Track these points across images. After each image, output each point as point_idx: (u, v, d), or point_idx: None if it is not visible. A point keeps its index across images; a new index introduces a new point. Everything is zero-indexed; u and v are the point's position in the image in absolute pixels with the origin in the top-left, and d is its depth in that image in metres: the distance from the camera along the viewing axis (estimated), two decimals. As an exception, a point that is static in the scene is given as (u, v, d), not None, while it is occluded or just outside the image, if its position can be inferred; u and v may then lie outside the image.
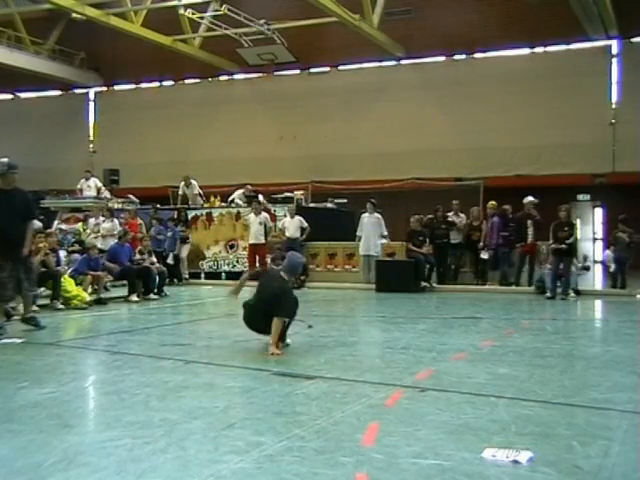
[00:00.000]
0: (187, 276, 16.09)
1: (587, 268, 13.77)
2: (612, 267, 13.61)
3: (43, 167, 26.90)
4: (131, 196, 18.33)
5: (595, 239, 23.29)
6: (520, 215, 13.85)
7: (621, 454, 3.57)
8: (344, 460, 3.44)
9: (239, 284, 7.34)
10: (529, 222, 13.57)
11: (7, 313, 9.11)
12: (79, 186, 18.19)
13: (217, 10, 21.68)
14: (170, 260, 15.39)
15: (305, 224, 15.37)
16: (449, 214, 15.04)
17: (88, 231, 15.35)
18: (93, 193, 17.77)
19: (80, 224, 15.85)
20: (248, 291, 7.40)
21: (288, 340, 6.87)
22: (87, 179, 18.22)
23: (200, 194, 18.10)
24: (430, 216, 14.95)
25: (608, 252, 14.03)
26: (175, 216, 16.46)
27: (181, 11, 21.93)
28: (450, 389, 5.01)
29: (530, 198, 13.90)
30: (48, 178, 25.26)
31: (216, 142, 25.34)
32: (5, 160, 7.97)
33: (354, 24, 20.24)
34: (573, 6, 19.02)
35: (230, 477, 3.26)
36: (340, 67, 24.98)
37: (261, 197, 17.08)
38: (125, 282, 12.48)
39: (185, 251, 15.93)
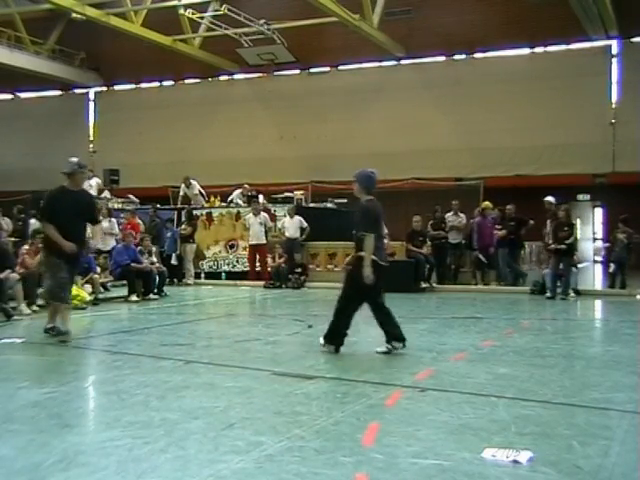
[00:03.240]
0: (192, 278, 15.81)
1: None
2: (612, 267, 13.63)
3: (43, 167, 26.86)
4: (131, 196, 18.32)
5: (595, 239, 23.31)
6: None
7: (621, 454, 3.57)
8: (344, 460, 3.44)
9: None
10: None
11: (7, 313, 9.12)
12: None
13: (217, 10, 21.70)
14: (174, 261, 15.37)
15: (305, 224, 15.38)
16: (449, 214, 15.05)
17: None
18: (94, 193, 17.74)
19: None
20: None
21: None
22: (89, 178, 18.19)
23: (201, 193, 18.06)
24: (434, 221, 14.91)
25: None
26: (174, 216, 16.43)
27: (181, 11, 21.96)
28: (450, 389, 5.01)
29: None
30: (48, 178, 25.19)
31: (216, 142, 25.36)
32: (75, 159, 7.65)
33: (354, 24, 20.25)
34: (573, 6, 19.02)
35: (230, 477, 3.26)
36: (340, 67, 25.00)
37: (261, 197, 17.08)
38: (125, 282, 12.48)
39: (190, 252, 15.76)
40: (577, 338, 8.03)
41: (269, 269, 15.44)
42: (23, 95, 30.18)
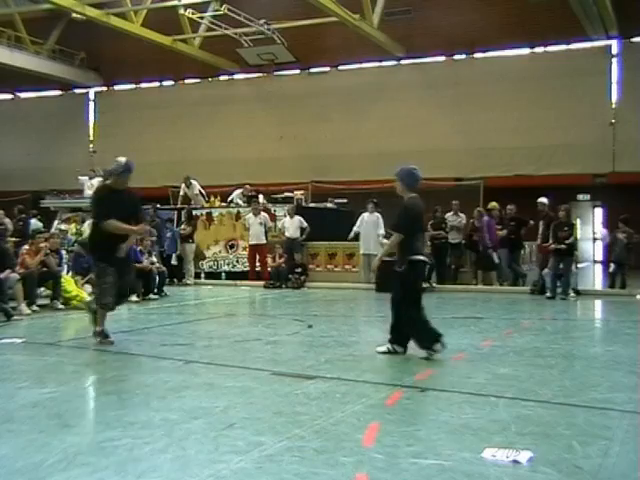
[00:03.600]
0: (192, 278, 15.84)
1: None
2: (611, 267, 13.64)
3: (43, 167, 26.96)
4: (131, 196, 18.28)
5: (595, 239, 23.30)
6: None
7: (621, 454, 3.57)
8: (344, 460, 3.44)
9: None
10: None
11: (7, 313, 9.12)
12: (82, 181, 18.15)
13: (217, 10, 21.70)
14: (174, 261, 15.38)
15: (305, 224, 15.38)
16: (449, 214, 15.05)
17: (85, 227, 15.29)
18: None
19: (73, 225, 15.72)
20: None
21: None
22: (91, 178, 18.17)
23: (201, 193, 18.05)
24: (434, 221, 14.94)
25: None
26: (174, 216, 16.43)
27: (181, 11, 21.96)
28: (450, 389, 5.01)
29: None
30: (48, 178, 25.29)
31: (216, 142, 25.35)
32: (123, 160, 7.25)
33: (354, 24, 20.25)
34: (573, 6, 19.02)
35: (230, 477, 3.26)
36: (340, 67, 24.99)
37: (261, 197, 17.07)
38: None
39: (190, 252, 15.76)
40: (577, 338, 8.04)
41: (269, 269, 15.44)
42: (23, 95, 30.16)
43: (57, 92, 29.53)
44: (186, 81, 27.42)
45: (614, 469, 3.36)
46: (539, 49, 22.40)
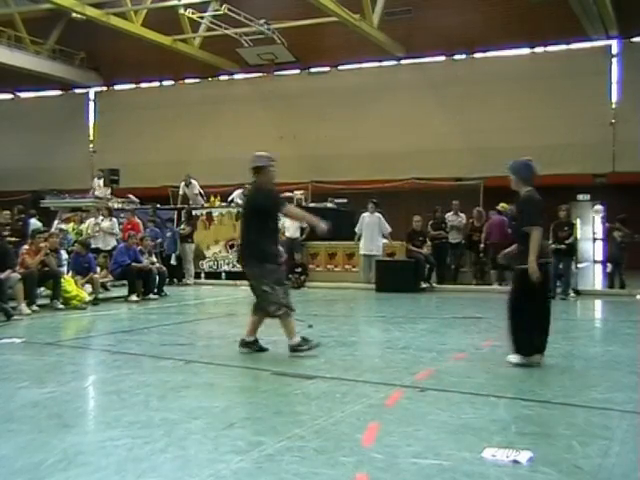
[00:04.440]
0: (192, 278, 15.87)
1: None
2: (609, 267, 13.64)
3: (43, 167, 26.95)
4: (131, 196, 18.33)
5: (595, 239, 23.29)
6: None
7: (621, 454, 3.57)
8: (344, 460, 3.44)
9: None
10: None
11: (7, 313, 9.12)
12: (93, 182, 18.36)
13: (217, 10, 21.68)
14: (173, 261, 15.39)
15: (305, 224, 15.36)
16: (449, 214, 15.06)
17: (84, 226, 15.30)
18: (101, 192, 17.83)
19: (71, 224, 15.75)
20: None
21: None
22: (99, 178, 18.31)
23: (201, 193, 18.09)
24: (434, 221, 14.93)
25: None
26: (174, 216, 16.44)
27: (181, 11, 21.95)
28: (450, 389, 5.00)
29: None
30: (48, 178, 25.28)
31: (216, 142, 25.34)
32: (263, 153, 6.95)
33: (354, 24, 20.24)
34: (573, 6, 19.02)
35: (230, 477, 3.26)
36: (340, 67, 24.98)
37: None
38: (125, 282, 12.47)
39: (190, 251, 15.78)
40: (577, 338, 8.03)
41: (269, 269, 15.41)
42: (23, 95, 30.16)
43: (57, 92, 29.51)
44: (186, 81, 27.41)
45: (614, 469, 3.36)
46: (539, 49, 22.38)
